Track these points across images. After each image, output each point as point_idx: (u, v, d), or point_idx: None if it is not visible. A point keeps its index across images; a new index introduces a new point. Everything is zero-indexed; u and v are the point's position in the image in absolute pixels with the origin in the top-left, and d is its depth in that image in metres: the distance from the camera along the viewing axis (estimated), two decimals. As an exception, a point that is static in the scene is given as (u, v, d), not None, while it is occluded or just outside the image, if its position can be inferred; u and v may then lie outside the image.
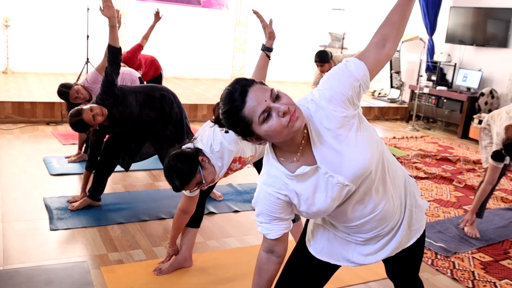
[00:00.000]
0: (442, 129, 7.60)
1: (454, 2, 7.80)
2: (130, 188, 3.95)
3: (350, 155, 1.38)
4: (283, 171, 1.43)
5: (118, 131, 3.47)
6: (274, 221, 1.49)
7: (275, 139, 1.36)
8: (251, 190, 4.06)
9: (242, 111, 1.28)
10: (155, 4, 8.62)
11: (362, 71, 1.39)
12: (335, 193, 1.42)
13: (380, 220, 1.53)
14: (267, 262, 1.57)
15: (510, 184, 4.81)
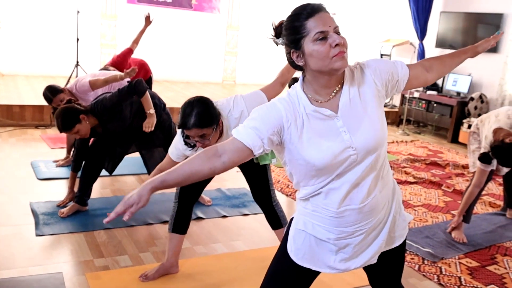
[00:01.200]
0: (432, 133, 7.63)
1: (444, 7, 7.85)
2: (118, 193, 3.93)
3: (368, 124, 1.47)
4: (305, 100, 1.48)
5: (106, 138, 3.46)
6: (253, 130, 1.44)
7: (313, 65, 1.42)
8: (239, 195, 4.05)
9: (307, 20, 1.40)
10: (147, 7, 8.62)
11: (405, 72, 1.58)
12: (338, 150, 1.44)
13: (366, 213, 1.54)
14: (210, 156, 1.43)
15: (498, 189, 4.83)
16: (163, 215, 3.51)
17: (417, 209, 4.11)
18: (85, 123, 3.21)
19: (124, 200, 1.36)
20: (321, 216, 1.55)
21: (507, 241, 3.55)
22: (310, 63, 1.43)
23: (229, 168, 1.46)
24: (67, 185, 3.97)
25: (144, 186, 1.38)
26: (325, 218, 1.55)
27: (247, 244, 3.20)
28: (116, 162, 3.63)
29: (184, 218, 2.71)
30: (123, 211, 1.35)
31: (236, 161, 1.45)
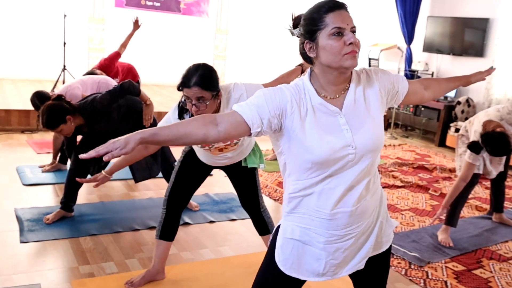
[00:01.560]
0: (420, 137, 7.68)
1: (431, 11, 7.92)
2: (104, 199, 3.90)
3: (370, 126, 1.50)
4: (312, 91, 1.50)
5: (90, 137, 3.43)
6: (255, 107, 1.43)
7: (324, 59, 1.45)
8: (227, 200, 4.04)
9: (326, 14, 1.43)
10: (135, 11, 8.59)
11: (405, 85, 1.65)
12: (338, 146, 1.45)
13: (357, 216, 1.54)
14: (207, 122, 1.40)
15: (485, 193, 4.87)
16: (149, 221, 3.49)
17: (404, 213, 4.13)
18: (70, 123, 3.19)
19: (109, 142, 1.32)
20: (311, 219, 1.54)
21: (492, 245, 3.57)
22: (322, 56, 1.45)
23: (222, 139, 1.44)
24: (53, 191, 3.95)
25: (134, 134, 1.34)
26: (316, 220, 1.54)
27: (234, 249, 3.19)
28: (103, 166, 3.59)
29: (172, 225, 2.68)
30: (104, 152, 1.30)
31: (232, 134, 1.43)
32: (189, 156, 2.65)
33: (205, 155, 2.58)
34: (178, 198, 2.66)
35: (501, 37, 6.79)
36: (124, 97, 3.33)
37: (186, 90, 2.20)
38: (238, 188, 2.78)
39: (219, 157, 2.56)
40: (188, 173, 2.65)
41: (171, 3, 9.05)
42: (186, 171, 2.65)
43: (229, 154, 2.55)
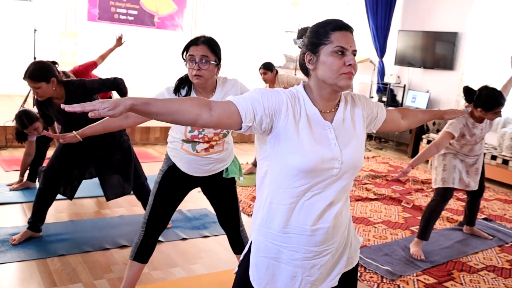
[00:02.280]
0: (393, 148, 7.78)
1: (402, 25, 8.08)
2: (74, 217, 3.81)
3: (356, 144, 1.55)
4: (308, 100, 1.52)
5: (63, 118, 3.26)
6: (250, 100, 1.42)
7: (322, 73, 1.48)
8: (200, 216, 4.00)
9: (333, 31, 1.48)
10: (108, 25, 8.54)
11: (384, 113, 1.73)
12: (327, 157, 1.47)
13: (333, 232, 1.55)
14: (202, 104, 1.38)
15: (456, 204, 4.94)
16: (120, 240, 3.42)
17: (377, 226, 4.15)
18: (51, 86, 3.06)
19: (97, 101, 1.25)
20: (288, 236, 1.52)
21: (463, 256, 3.62)
22: (320, 70, 1.49)
23: (214, 123, 1.39)
24: (22, 210, 3.85)
25: (126, 98, 1.28)
26: (294, 237, 1.52)
27: (206, 267, 3.15)
28: (75, 186, 3.52)
29: (149, 247, 2.59)
30: (90, 109, 1.22)
31: (224, 122, 1.40)
32: (167, 176, 2.53)
33: (189, 162, 2.48)
34: (158, 220, 2.56)
35: (469, 51, 6.96)
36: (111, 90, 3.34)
37: (193, 48, 2.26)
38: (218, 204, 2.69)
39: (204, 161, 2.48)
40: (167, 194, 2.54)
41: (144, 17, 9.01)
42: (165, 193, 2.54)
43: (215, 156, 2.50)
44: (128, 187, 3.55)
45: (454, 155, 3.58)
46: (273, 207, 1.53)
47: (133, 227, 3.67)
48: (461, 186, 3.61)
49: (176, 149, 2.49)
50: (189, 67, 2.28)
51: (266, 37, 10.26)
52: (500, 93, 3.40)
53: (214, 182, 2.61)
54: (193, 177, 2.53)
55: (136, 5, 8.89)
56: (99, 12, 8.57)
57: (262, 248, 1.57)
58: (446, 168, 3.56)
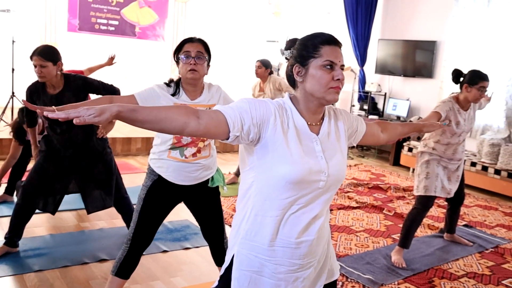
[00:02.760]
0: (375, 156, 7.83)
1: (382, 34, 8.18)
2: (53, 231, 3.75)
3: (340, 157, 1.57)
4: (295, 112, 1.52)
5: None
6: (238, 110, 1.41)
7: (310, 86, 1.49)
8: (181, 228, 3.97)
9: (323, 45, 1.48)
10: (88, 35, 8.49)
11: (363, 127, 1.76)
12: (315, 168, 1.47)
13: (317, 244, 1.55)
14: (190, 112, 1.36)
15: (437, 211, 4.98)
16: (100, 253, 3.37)
17: (359, 234, 4.16)
18: (56, 69, 3.09)
19: (82, 107, 1.22)
20: (273, 249, 1.51)
21: (444, 264, 3.64)
22: (308, 83, 1.49)
23: (201, 132, 1.37)
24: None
25: (112, 105, 1.25)
26: (279, 250, 1.51)
27: (187, 280, 3.12)
28: (58, 200, 3.44)
29: (132, 263, 2.53)
30: (75, 116, 1.19)
31: (212, 130, 1.38)
32: (152, 191, 2.49)
33: (177, 170, 2.44)
34: (143, 237, 2.51)
35: (448, 59, 7.07)
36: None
37: (188, 45, 2.37)
38: (202, 215, 2.65)
39: (192, 167, 2.45)
40: (152, 210, 2.49)
41: (125, 27, 8.98)
42: (151, 209, 2.49)
43: (202, 161, 2.48)
44: (109, 200, 3.50)
45: (437, 162, 3.58)
46: (259, 219, 1.51)
47: (113, 240, 3.62)
48: (443, 194, 3.63)
49: (161, 159, 2.46)
50: (185, 63, 2.35)
51: (248, 46, 10.29)
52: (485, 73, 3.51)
53: (199, 192, 2.58)
54: (179, 187, 2.49)
55: (117, 15, 8.85)
56: (80, 22, 8.52)
57: (245, 261, 1.54)
58: (429, 176, 3.58)
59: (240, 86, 9.88)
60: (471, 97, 3.46)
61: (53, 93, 3.15)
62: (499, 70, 6.52)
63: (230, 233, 1.62)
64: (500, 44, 6.50)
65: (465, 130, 3.54)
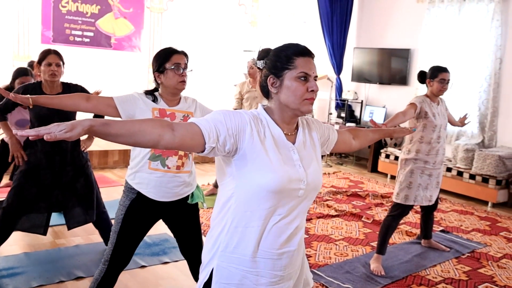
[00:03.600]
0: (353, 163, 7.90)
1: (358, 43, 8.28)
2: (28, 249, 3.67)
3: (316, 165, 1.59)
4: (271, 122, 1.54)
5: None
6: (213, 122, 1.41)
7: (284, 98, 1.51)
8: (160, 242, 3.92)
9: (297, 57, 1.50)
10: (62, 47, 8.36)
11: (335, 135, 1.80)
12: (294, 177, 1.48)
13: (295, 256, 1.56)
14: (165, 125, 1.35)
15: (415, 217, 5.04)
16: (76, 271, 3.31)
17: (338, 243, 4.18)
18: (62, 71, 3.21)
19: (53, 124, 1.19)
20: (253, 260, 1.49)
21: (422, 270, 3.67)
22: (283, 95, 1.51)
23: (176, 144, 1.35)
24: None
25: (84, 120, 1.23)
26: (261, 261, 1.50)
27: (166, 296, 3.08)
28: (47, 220, 3.35)
29: (110, 283, 2.47)
30: (45, 132, 1.16)
31: (187, 142, 1.36)
32: (131, 210, 2.43)
33: (157, 186, 2.39)
34: (121, 258, 2.46)
35: (422, 66, 7.17)
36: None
37: (177, 56, 2.42)
38: (181, 232, 2.61)
39: (174, 182, 2.42)
40: (131, 231, 2.44)
41: (101, 38, 8.89)
42: (130, 229, 2.43)
43: (185, 177, 2.45)
44: (91, 214, 3.45)
45: (421, 171, 3.61)
46: (239, 230, 1.50)
47: (90, 257, 3.56)
48: (425, 202, 3.67)
49: (141, 172, 2.40)
50: (176, 74, 2.39)
51: (225, 56, 10.30)
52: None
53: (179, 209, 2.54)
54: (159, 204, 2.44)
55: (92, 27, 8.77)
56: (54, 34, 8.41)
57: (225, 274, 1.52)
58: (411, 186, 3.60)
59: (217, 95, 9.88)
60: (435, 90, 3.65)
61: (50, 93, 3.15)
62: (471, 76, 6.67)
63: (205, 247, 1.59)
64: (472, 51, 6.65)
65: (442, 123, 3.65)
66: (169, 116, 2.42)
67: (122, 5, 9.11)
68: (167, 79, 2.41)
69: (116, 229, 2.42)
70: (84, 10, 8.73)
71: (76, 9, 8.64)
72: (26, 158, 3.23)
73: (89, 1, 8.75)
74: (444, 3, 6.91)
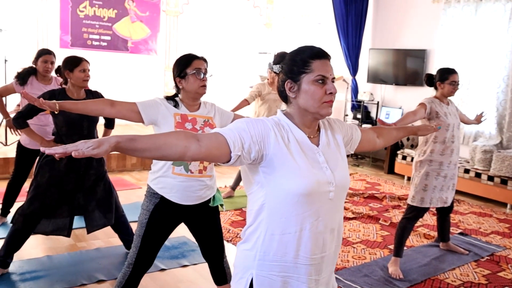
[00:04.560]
0: (370, 165, 7.87)
1: (373, 44, 8.25)
2: (50, 252, 3.74)
3: (343, 165, 1.59)
4: (293, 126, 1.53)
5: None
6: (236, 130, 1.41)
7: (303, 102, 1.50)
8: (179, 245, 3.97)
9: (314, 60, 1.50)
10: (81, 51, 8.48)
11: (358, 134, 1.78)
12: (323, 180, 1.47)
13: (334, 257, 1.57)
14: (189, 136, 1.36)
15: (432, 219, 5.01)
16: (97, 274, 3.37)
17: (355, 246, 4.18)
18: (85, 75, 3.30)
19: (80, 141, 1.23)
20: (295, 266, 1.49)
21: (441, 273, 3.66)
22: (301, 99, 1.51)
23: (203, 155, 1.36)
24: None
25: (110, 137, 1.25)
26: (301, 266, 1.49)
27: (186, 299, 3.12)
28: (70, 222, 3.39)
29: (133, 286, 2.51)
30: (73, 149, 1.19)
31: (213, 152, 1.37)
32: (155, 215, 2.46)
33: (181, 190, 2.43)
34: (145, 261, 2.50)
35: (438, 67, 7.11)
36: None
37: (197, 61, 2.47)
38: (203, 235, 2.63)
39: (197, 185, 2.45)
40: (156, 234, 2.48)
41: (118, 42, 9.01)
42: (154, 233, 2.47)
43: (207, 181, 2.49)
44: (110, 218, 3.50)
45: (437, 173, 3.59)
46: (277, 238, 1.48)
47: (110, 260, 3.62)
48: (440, 204, 3.66)
49: (165, 177, 2.43)
50: (197, 78, 2.45)
51: (240, 58, 10.34)
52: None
53: (200, 212, 2.57)
54: (182, 208, 2.47)
55: (109, 31, 8.89)
56: (72, 39, 8.55)
57: (266, 283, 1.51)
58: (427, 189, 3.59)
59: (232, 97, 9.90)
60: (446, 92, 3.66)
61: (78, 98, 3.29)
62: (488, 77, 6.60)
63: (238, 257, 1.58)
64: (489, 51, 6.58)
65: (454, 123, 3.64)
66: (191, 121, 2.46)
67: (138, 9, 9.21)
68: (188, 84, 2.45)
69: (141, 233, 2.46)
70: (101, 15, 8.85)
71: (93, 13, 8.76)
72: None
73: (106, 5, 8.86)
74: (460, 3, 6.86)
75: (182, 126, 2.43)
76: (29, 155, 4.10)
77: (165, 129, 2.39)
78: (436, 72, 3.75)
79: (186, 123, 2.45)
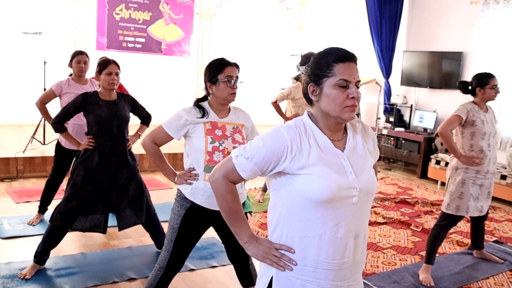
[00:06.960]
0: (402, 169, 7.75)
1: (407, 46, 8.12)
2: (83, 249, 3.84)
3: (370, 169, 1.55)
4: (316, 130, 1.53)
5: None
6: (254, 162, 1.50)
7: (325, 106, 1.49)
8: (208, 245, 4.01)
9: (336, 63, 1.47)
10: (116, 53, 8.68)
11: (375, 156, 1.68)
12: (344, 185, 1.46)
13: (360, 263, 1.55)
14: (234, 189, 1.60)
15: (466, 226, 4.89)
16: (129, 272, 3.44)
17: (386, 251, 4.12)
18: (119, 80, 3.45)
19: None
20: (315, 270, 1.48)
21: (474, 282, 3.57)
22: (323, 102, 1.50)
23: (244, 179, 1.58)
24: (33, 243, 3.87)
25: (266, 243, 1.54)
26: (322, 271, 1.48)
27: (214, 300, 3.15)
28: (106, 219, 3.50)
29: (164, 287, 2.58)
30: None
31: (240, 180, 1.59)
32: (187, 220, 2.50)
33: (213, 196, 2.41)
34: (177, 264, 2.55)
35: (475, 70, 6.95)
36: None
37: (229, 68, 2.48)
38: (231, 238, 2.60)
39: None
40: (188, 239, 2.53)
41: (152, 44, 9.17)
42: (186, 238, 2.52)
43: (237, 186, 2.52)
44: (141, 216, 3.58)
45: (473, 181, 3.51)
46: (297, 241, 1.49)
47: (141, 259, 3.69)
48: (476, 213, 3.58)
49: (196, 183, 2.47)
50: (227, 86, 2.47)
51: (272, 60, 10.35)
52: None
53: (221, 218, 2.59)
54: (211, 212, 2.50)
55: (144, 33, 9.06)
56: (108, 41, 8.75)
57: (285, 283, 1.52)
58: (463, 197, 3.51)
59: (264, 99, 9.92)
60: (487, 97, 3.57)
61: (109, 100, 3.43)
62: (528, 80, 6.40)
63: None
64: (529, 54, 6.38)
65: (491, 131, 3.54)
66: (220, 128, 2.49)
67: (172, 11, 9.35)
68: (218, 90, 2.48)
69: (172, 238, 2.50)
70: (136, 17, 9.03)
71: (129, 16, 8.94)
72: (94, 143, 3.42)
73: (141, 8, 9.04)
74: (500, 4, 6.67)
75: (212, 132, 2.46)
76: (67, 154, 4.22)
77: (195, 137, 2.46)
78: (473, 78, 3.65)
79: (216, 130, 2.48)
